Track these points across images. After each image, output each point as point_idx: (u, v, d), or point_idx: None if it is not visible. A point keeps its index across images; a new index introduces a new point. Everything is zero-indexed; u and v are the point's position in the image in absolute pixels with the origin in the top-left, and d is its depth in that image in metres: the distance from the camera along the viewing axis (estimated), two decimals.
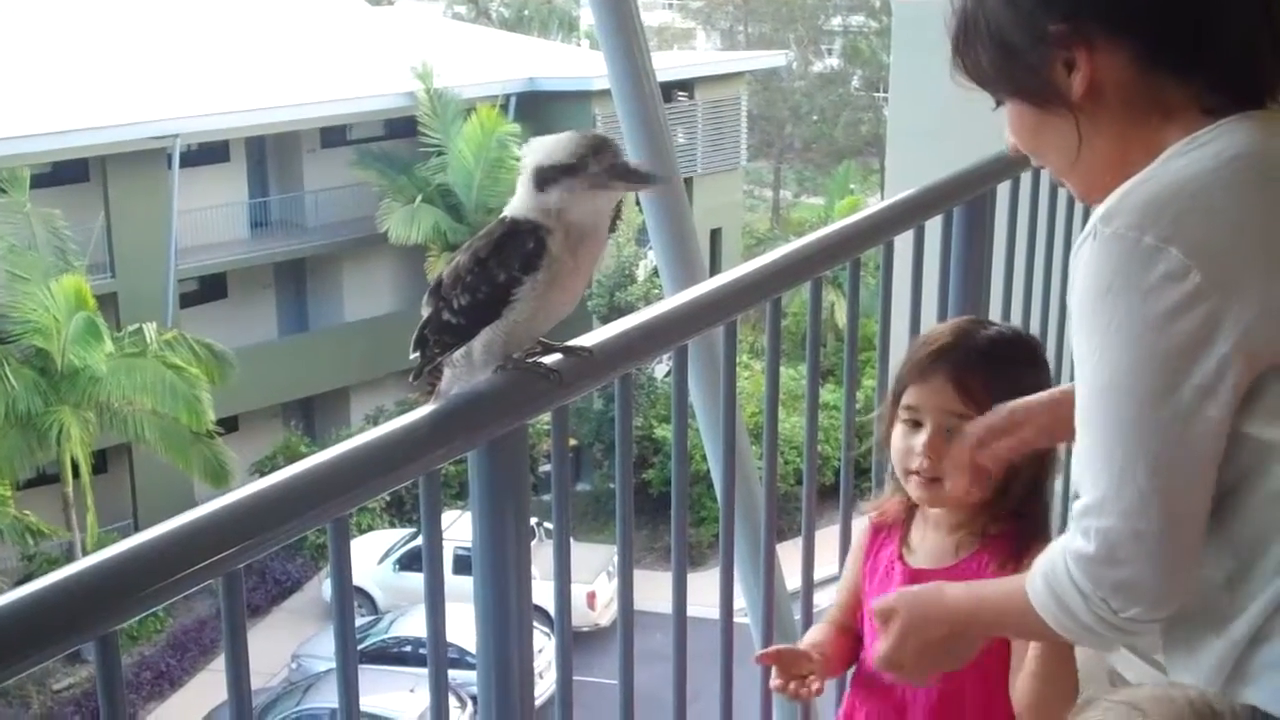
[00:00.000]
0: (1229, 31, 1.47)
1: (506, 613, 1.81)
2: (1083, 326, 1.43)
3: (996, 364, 2.01)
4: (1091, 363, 1.43)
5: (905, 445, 2.01)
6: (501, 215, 1.76)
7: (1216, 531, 1.46)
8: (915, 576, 2.01)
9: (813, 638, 2.16)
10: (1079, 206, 3.11)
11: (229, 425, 20.39)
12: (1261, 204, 1.42)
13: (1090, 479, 1.43)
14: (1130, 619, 1.44)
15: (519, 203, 1.73)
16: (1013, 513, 2.00)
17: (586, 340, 1.87)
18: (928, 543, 2.07)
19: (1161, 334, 1.37)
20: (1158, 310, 1.37)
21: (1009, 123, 1.58)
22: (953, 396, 1.98)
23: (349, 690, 1.62)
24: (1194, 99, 1.48)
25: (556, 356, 1.81)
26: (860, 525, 2.19)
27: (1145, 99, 1.49)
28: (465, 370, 1.78)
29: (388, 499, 20.38)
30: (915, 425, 2.01)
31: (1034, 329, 3.08)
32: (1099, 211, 1.43)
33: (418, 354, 1.82)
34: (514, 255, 1.70)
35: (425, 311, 1.81)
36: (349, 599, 1.61)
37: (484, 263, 1.72)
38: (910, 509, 2.09)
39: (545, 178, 1.69)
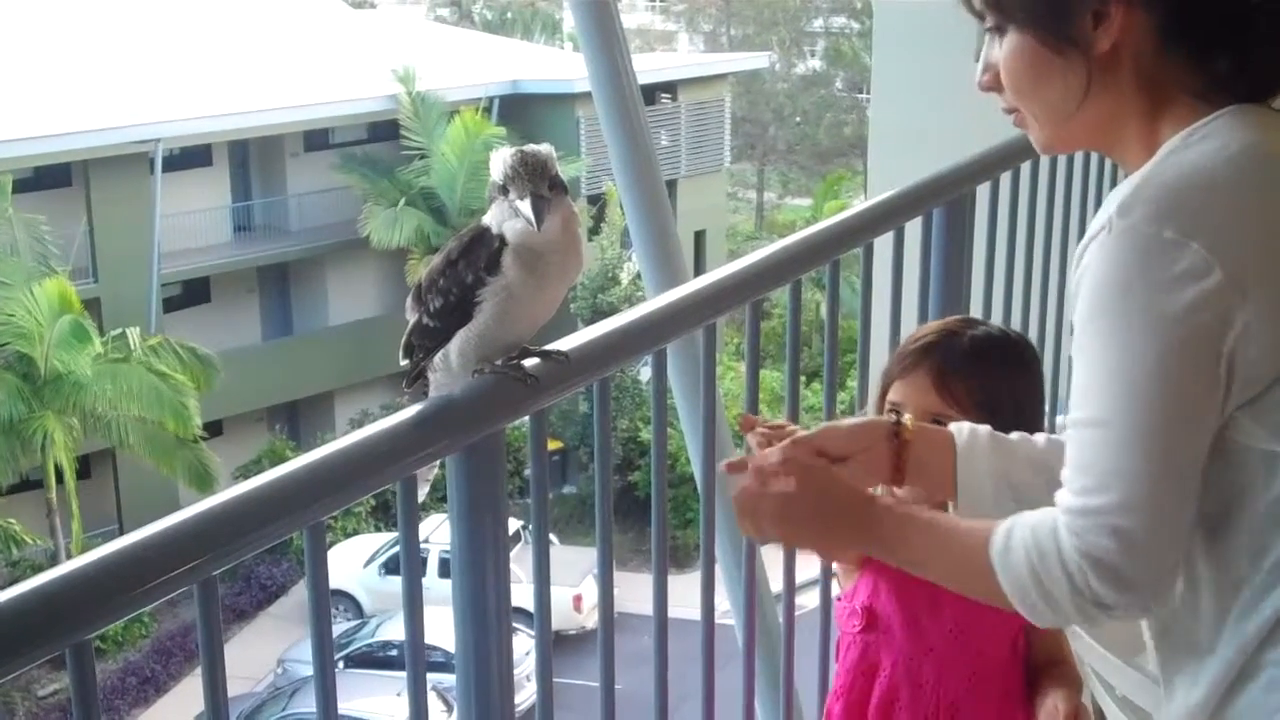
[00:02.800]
0: (1260, 24, 1.43)
1: (485, 615, 1.81)
2: (1098, 321, 1.38)
3: (981, 366, 1.99)
4: (1108, 359, 1.37)
5: None
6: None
7: (1217, 541, 1.44)
8: None
9: None
10: (1059, 207, 3.12)
11: (213, 430, 20.33)
12: (1271, 200, 1.39)
13: (1113, 478, 1.37)
14: (1113, 613, 1.40)
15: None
16: None
17: (563, 344, 1.87)
18: None
19: (1185, 329, 1.34)
20: (1180, 305, 1.33)
21: (1005, 55, 1.50)
22: (934, 397, 1.97)
23: (326, 694, 1.62)
24: (1199, 90, 1.45)
25: (534, 361, 1.81)
26: None
27: (1154, 77, 1.46)
28: (444, 375, 1.78)
29: (374, 503, 20.32)
30: None
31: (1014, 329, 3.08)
32: (1114, 204, 1.39)
33: (407, 360, 1.82)
34: (481, 257, 1.70)
35: (410, 317, 1.81)
36: (326, 606, 1.60)
37: (454, 264, 1.73)
38: None
39: (490, 193, 1.72)
